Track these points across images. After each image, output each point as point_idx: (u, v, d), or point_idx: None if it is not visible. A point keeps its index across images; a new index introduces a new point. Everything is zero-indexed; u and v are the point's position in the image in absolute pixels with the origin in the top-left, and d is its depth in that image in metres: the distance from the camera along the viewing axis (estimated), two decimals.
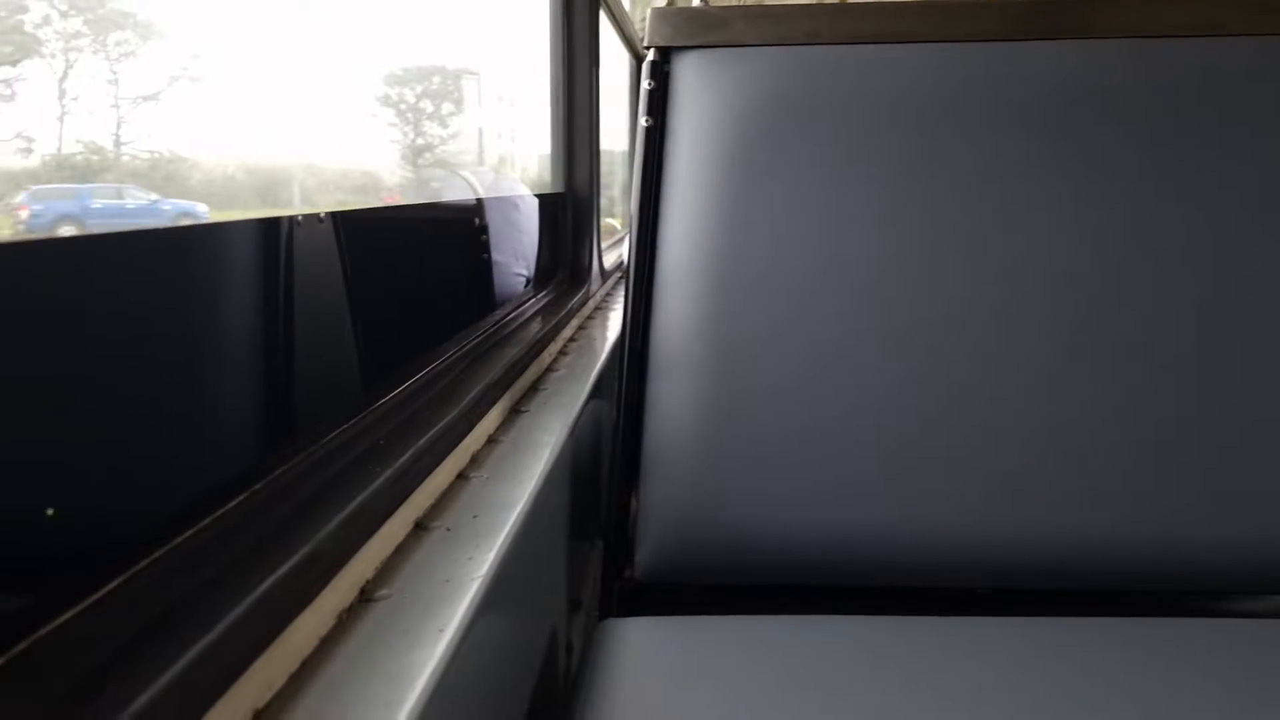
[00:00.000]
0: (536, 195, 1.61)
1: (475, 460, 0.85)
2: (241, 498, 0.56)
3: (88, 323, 0.47)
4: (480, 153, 1.92)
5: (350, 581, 0.58)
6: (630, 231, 1.02)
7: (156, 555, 0.48)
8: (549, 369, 1.23)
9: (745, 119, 0.96)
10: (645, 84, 0.99)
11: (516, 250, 1.47)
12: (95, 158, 0.72)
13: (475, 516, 0.72)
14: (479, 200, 1.31)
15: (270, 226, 0.67)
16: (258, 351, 0.66)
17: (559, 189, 1.69)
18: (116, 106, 0.72)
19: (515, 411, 1.01)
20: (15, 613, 0.40)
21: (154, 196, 0.81)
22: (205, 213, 0.89)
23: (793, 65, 0.97)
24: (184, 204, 0.86)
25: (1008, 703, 0.76)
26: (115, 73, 0.71)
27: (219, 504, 0.54)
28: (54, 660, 0.39)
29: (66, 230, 0.71)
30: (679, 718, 0.75)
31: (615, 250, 2.17)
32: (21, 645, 0.39)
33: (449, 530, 0.69)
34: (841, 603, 0.93)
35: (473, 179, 1.67)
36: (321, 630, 0.53)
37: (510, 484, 0.79)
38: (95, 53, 0.69)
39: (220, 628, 0.43)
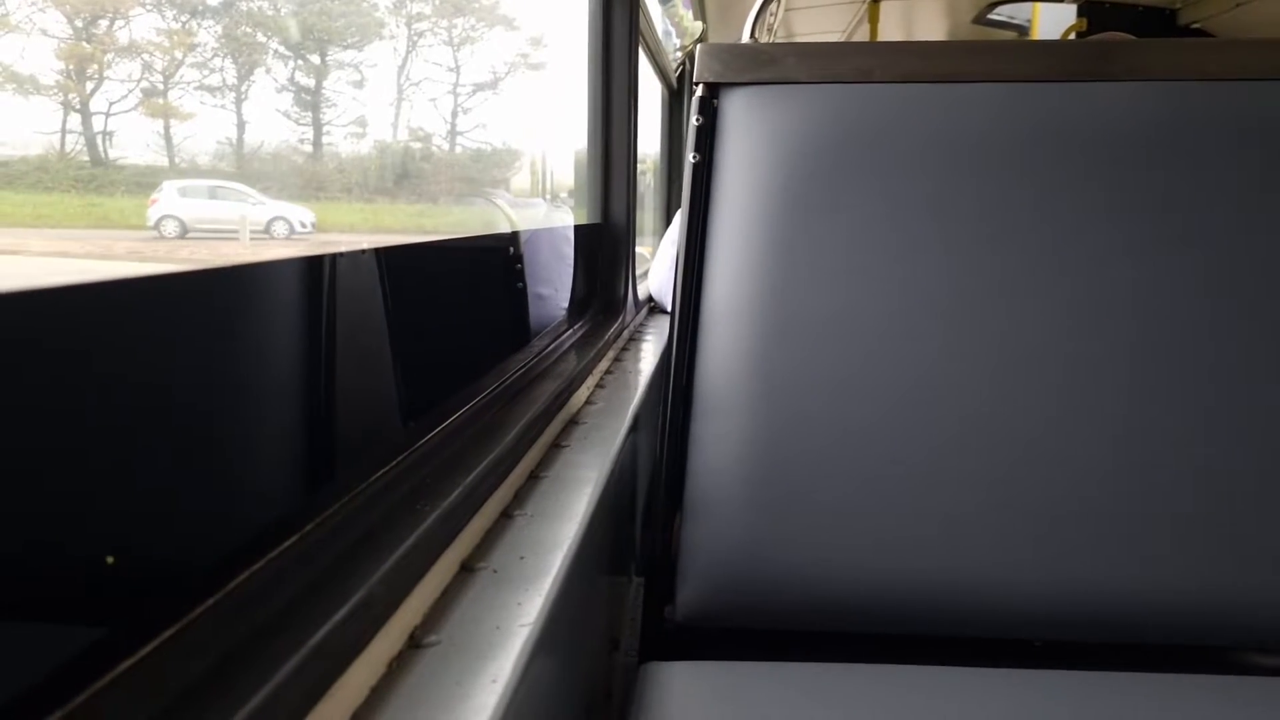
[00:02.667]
0: (574, 226, 1.61)
1: (518, 498, 0.84)
2: (292, 540, 0.55)
3: (140, 365, 0.47)
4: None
5: (400, 628, 0.56)
6: (677, 267, 1.01)
7: (210, 603, 0.46)
8: (588, 402, 1.22)
9: (794, 156, 0.95)
10: (694, 119, 0.98)
11: (553, 281, 1.46)
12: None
13: (522, 558, 0.70)
14: (516, 232, 1.30)
15: (315, 263, 0.67)
16: (304, 390, 0.65)
17: (595, 219, 1.69)
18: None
19: (556, 446, 1.00)
20: (72, 662, 0.39)
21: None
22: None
23: (844, 103, 0.96)
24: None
25: None
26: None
27: (271, 547, 0.53)
28: (110, 712, 0.38)
29: None
30: None
31: (643, 282, 2.17)
32: (80, 697, 0.38)
33: (495, 571, 0.68)
34: (888, 651, 0.90)
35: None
36: (373, 679, 0.52)
37: (554, 523, 0.78)
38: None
39: (277, 679, 0.42)
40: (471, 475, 0.72)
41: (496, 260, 1.22)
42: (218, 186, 1.30)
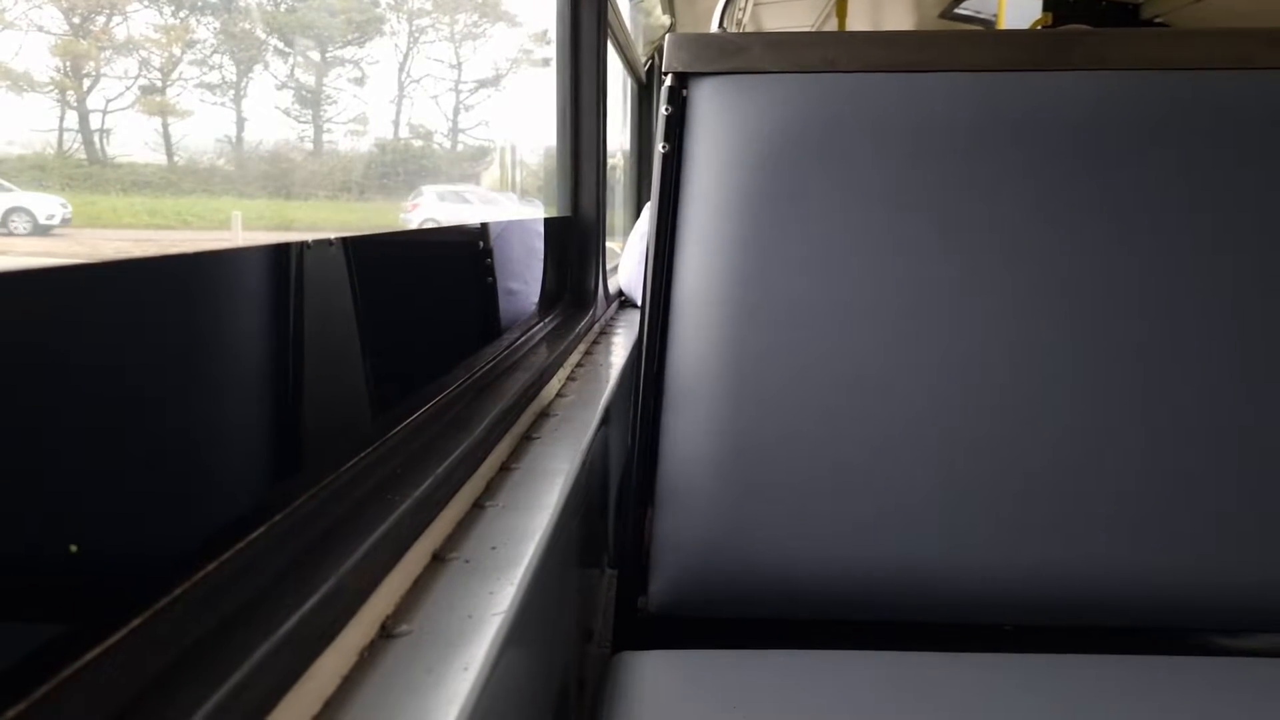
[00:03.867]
0: (544, 219, 1.60)
1: (490, 489, 0.84)
2: (262, 530, 0.54)
3: (100, 354, 0.46)
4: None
5: (371, 617, 0.56)
6: (646, 257, 1.01)
7: (177, 593, 0.46)
8: (559, 394, 1.22)
9: (763, 146, 0.96)
10: (663, 109, 0.98)
11: (523, 274, 1.46)
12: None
13: (494, 548, 0.70)
14: (485, 224, 1.30)
15: (281, 252, 0.66)
16: (272, 380, 0.65)
17: (565, 213, 1.68)
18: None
19: (527, 438, 1.00)
20: (37, 653, 0.39)
21: None
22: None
23: (811, 93, 0.96)
24: None
25: None
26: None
27: (240, 537, 0.53)
28: (76, 703, 0.38)
29: None
30: None
31: (613, 277, 2.17)
32: (44, 688, 0.37)
33: (467, 562, 0.68)
34: (859, 638, 0.91)
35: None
36: (344, 668, 0.52)
37: (527, 513, 0.78)
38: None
39: (246, 668, 0.42)
40: (442, 466, 0.71)
41: (466, 252, 1.21)
42: None
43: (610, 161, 1.89)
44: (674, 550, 0.95)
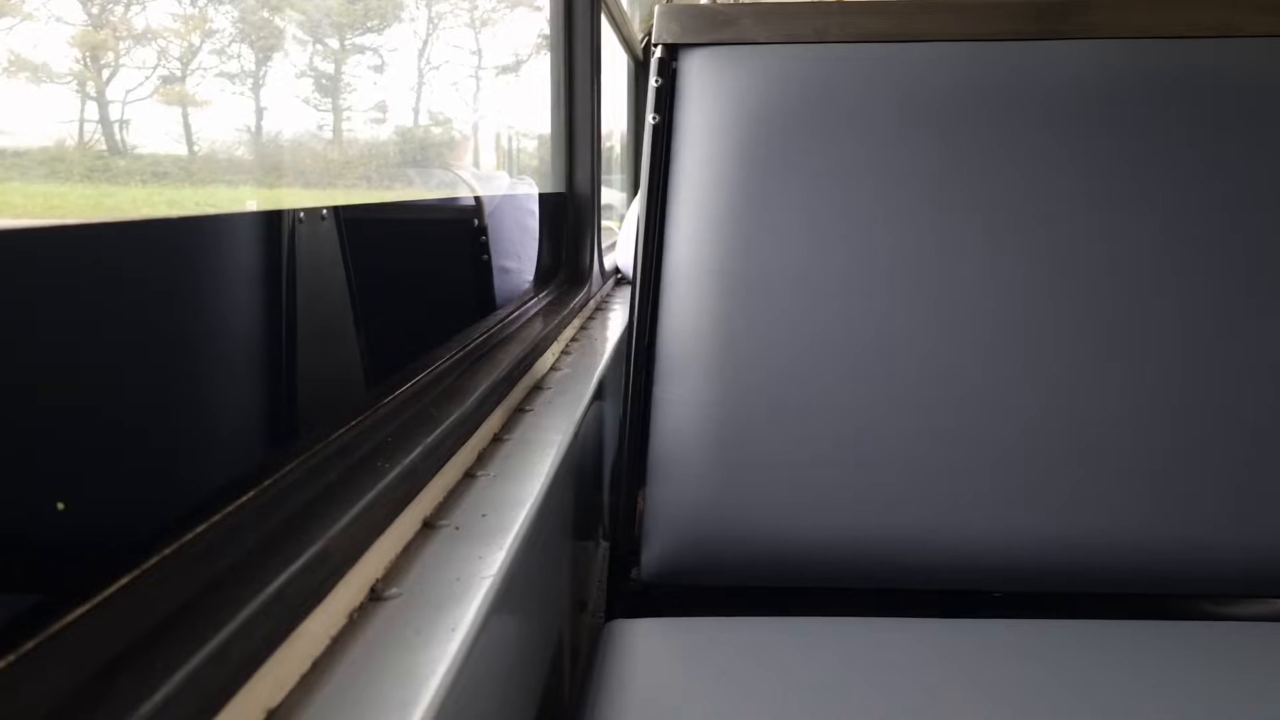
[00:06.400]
0: (539, 195, 1.60)
1: (481, 459, 0.84)
2: (250, 494, 0.55)
3: (90, 316, 0.46)
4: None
5: (361, 580, 0.57)
6: (637, 229, 1.01)
7: (167, 552, 0.47)
8: (552, 368, 1.22)
9: (753, 117, 0.96)
10: (652, 81, 0.98)
11: (519, 249, 1.46)
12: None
13: (484, 515, 0.71)
14: (480, 198, 1.30)
15: (273, 220, 0.67)
16: (263, 348, 0.65)
17: (560, 189, 1.68)
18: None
19: (520, 410, 1.01)
20: (25, 610, 0.39)
21: None
22: None
23: (801, 63, 0.96)
24: None
25: (1015, 704, 0.75)
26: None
27: (228, 501, 0.53)
28: (64, 658, 0.38)
29: None
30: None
31: (610, 254, 2.17)
32: (31, 643, 0.38)
33: (458, 529, 0.68)
34: (850, 605, 0.92)
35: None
36: (333, 629, 0.52)
37: (517, 483, 0.79)
38: None
39: (233, 626, 0.42)
40: (432, 435, 0.72)
41: (461, 226, 1.21)
42: None
43: (609, 143, 1.88)
44: (666, 520, 0.96)
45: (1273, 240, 0.94)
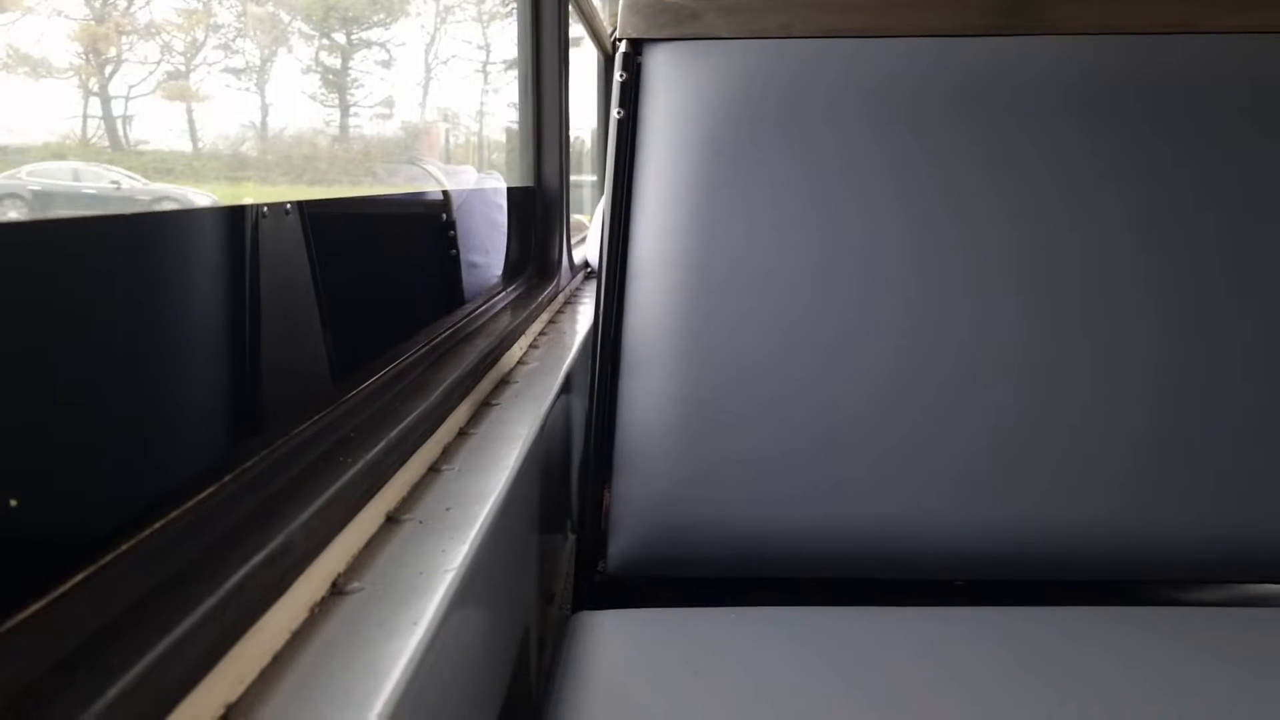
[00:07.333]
0: (506, 188, 1.60)
1: (446, 453, 0.84)
2: (210, 490, 0.55)
3: (50, 310, 0.46)
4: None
5: (322, 574, 0.57)
6: (603, 224, 1.01)
7: (124, 548, 0.46)
8: (520, 362, 1.22)
9: (718, 112, 0.96)
10: (617, 76, 0.98)
11: (486, 243, 1.46)
12: None
13: (448, 509, 0.71)
14: (447, 192, 1.30)
15: (236, 215, 0.66)
16: (225, 342, 0.65)
17: (528, 182, 1.68)
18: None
19: (486, 405, 1.01)
20: None
21: None
22: None
23: (766, 58, 0.96)
24: None
25: (978, 690, 0.76)
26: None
27: (188, 496, 0.53)
28: (18, 654, 0.38)
29: None
30: (651, 710, 0.75)
31: (580, 248, 2.16)
32: None
33: (421, 523, 0.69)
34: (814, 595, 0.93)
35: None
36: (293, 624, 0.52)
37: (482, 477, 0.79)
38: None
39: (190, 620, 0.42)
40: (396, 430, 0.72)
41: (428, 220, 1.21)
42: None
43: (582, 136, 1.88)
44: (632, 512, 0.97)
45: (1237, 232, 0.96)
